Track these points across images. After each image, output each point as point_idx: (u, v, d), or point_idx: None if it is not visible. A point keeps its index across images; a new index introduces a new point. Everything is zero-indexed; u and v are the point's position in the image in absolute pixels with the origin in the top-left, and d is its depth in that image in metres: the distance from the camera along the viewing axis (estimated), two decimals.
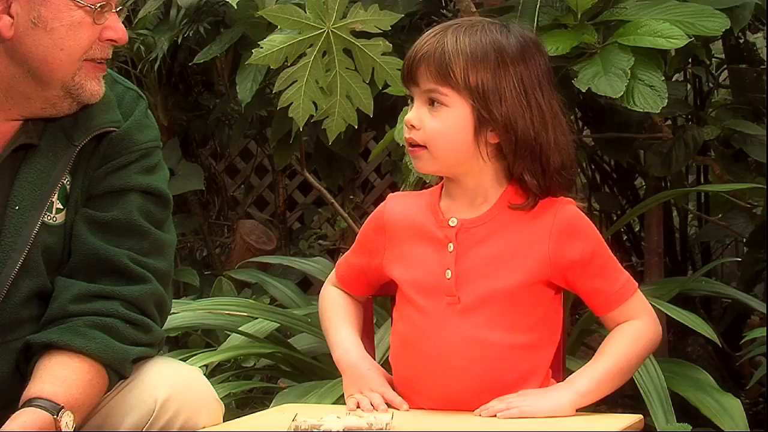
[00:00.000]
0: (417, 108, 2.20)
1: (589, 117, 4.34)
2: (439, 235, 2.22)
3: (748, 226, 4.33)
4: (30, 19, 2.21)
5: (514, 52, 2.20)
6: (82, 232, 2.28)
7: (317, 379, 3.63)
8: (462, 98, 2.17)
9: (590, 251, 2.20)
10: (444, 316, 2.20)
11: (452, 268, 2.20)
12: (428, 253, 2.23)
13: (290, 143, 4.24)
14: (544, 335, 2.23)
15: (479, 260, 2.19)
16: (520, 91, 2.19)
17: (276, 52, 3.33)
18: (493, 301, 2.18)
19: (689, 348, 4.40)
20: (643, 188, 4.70)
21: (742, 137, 3.97)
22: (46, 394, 2.15)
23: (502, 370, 2.19)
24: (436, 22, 4.39)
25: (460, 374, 2.19)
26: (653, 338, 2.23)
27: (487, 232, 2.20)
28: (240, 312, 3.83)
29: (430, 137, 2.19)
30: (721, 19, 3.34)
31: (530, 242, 2.19)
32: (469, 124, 2.18)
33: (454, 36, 2.19)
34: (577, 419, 2.18)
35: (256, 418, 2.30)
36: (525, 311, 2.20)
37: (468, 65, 2.17)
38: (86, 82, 2.26)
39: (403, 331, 2.26)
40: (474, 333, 2.18)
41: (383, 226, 2.30)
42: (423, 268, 2.23)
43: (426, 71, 2.18)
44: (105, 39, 2.27)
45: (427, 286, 2.22)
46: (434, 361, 2.20)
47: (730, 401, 3.25)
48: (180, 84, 5.68)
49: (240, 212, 5.97)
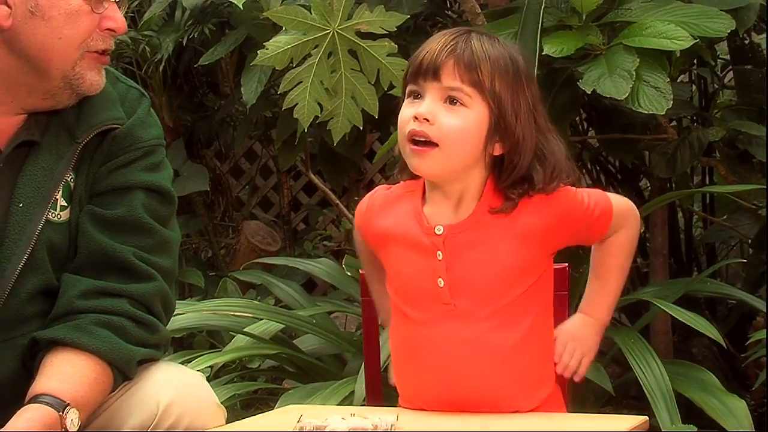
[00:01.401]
0: (430, 103, 2.16)
1: (594, 118, 4.34)
2: (426, 243, 2.20)
3: (753, 227, 4.32)
4: (28, 8, 2.21)
5: (526, 71, 2.21)
6: (87, 228, 2.28)
7: (322, 380, 3.64)
8: (484, 101, 2.16)
9: (577, 225, 2.20)
10: (442, 322, 2.19)
11: (444, 276, 2.18)
12: (417, 261, 2.21)
13: (295, 144, 4.24)
14: (543, 314, 2.23)
15: (470, 265, 2.18)
16: (531, 109, 2.19)
17: (281, 53, 3.34)
18: (490, 303, 2.18)
19: (694, 349, 4.39)
20: (648, 189, 4.70)
21: (747, 138, 3.96)
22: (51, 391, 2.15)
23: (508, 368, 2.19)
24: (441, 23, 4.42)
25: (466, 378, 2.19)
26: (635, 233, 2.29)
27: (473, 235, 2.18)
28: (245, 313, 3.84)
29: (445, 134, 2.15)
30: (726, 20, 3.34)
31: (519, 243, 2.17)
32: (483, 128, 2.16)
33: (479, 41, 2.18)
34: (582, 420, 2.18)
35: (260, 419, 2.30)
36: (522, 305, 2.19)
37: (494, 71, 2.16)
38: (86, 73, 2.26)
39: (403, 338, 2.25)
40: (475, 336, 2.18)
41: (365, 239, 2.31)
42: (414, 277, 2.21)
43: (454, 68, 2.15)
44: (104, 28, 2.26)
45: (420, 295, 2.20)
46: (439, 367, 2.20)
47: (735, 402, 3.25)
48: (185, 85, 5.69)
49: (245, 213, 5.97)
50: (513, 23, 3.40)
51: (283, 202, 5.83)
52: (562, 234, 2.20)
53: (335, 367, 3.86)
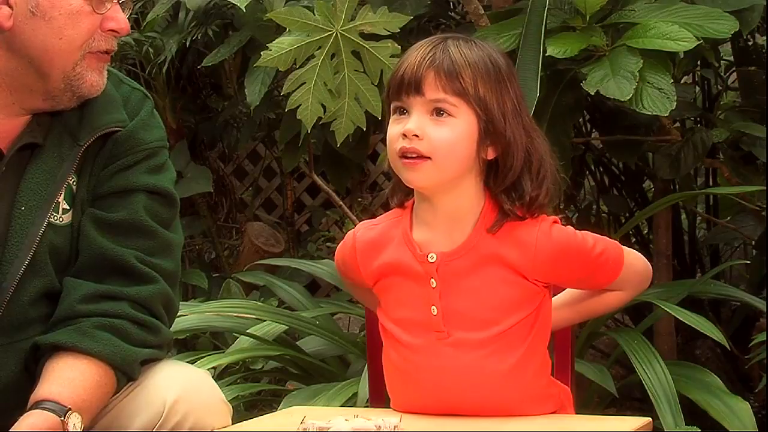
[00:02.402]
0: (418, 118, 2.14)
1: (598, 119, 4.33)
2: (419, 270, 2.18)
3: (757, 229, 4.32)
4: (28, 9, 2.21)
5: (506, 70, 2.19)
6: (89, 232, 2.28)
7: (325, 381, 3.64)
8: (470, 109, 2.14)
9: (576, 266, 2.19)
10: (435, 349, 2.17)
11: (437, 305, 2.17)
12: (411, 288, 2.19)
13: (298, 145, 4.24)
14: (538, 339, 2.21)
15: (464, 293, 2.16)
16: (516, 108, 2.18)
17: (284, 55, 3.34)
18: (484, 332, 2.16)
19: (698, 351, 4.39)
20: (651, 191, 4.70)
21: (750, 140, 3.96)
22: (53, 396, 2.15)
23: (503, 393, 2.17)
24: (444, 24, 4.41)
25: (460, 403, 2.18)
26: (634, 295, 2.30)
27: (468, 263, 2.16)
28: (248, 314, 3.84)
29: (436, 147, 2.13)
30: (730, 21, 3.33)
31: (514, 274, 2.16)
32: (473, 135, 2.15)
33: (456, 48, 2.16)
34: (586, 421, 2.18)
35: (264, 421, 2.30)
36: (517, 332, 2.17)
37: (476, 76, 2.15)
38: (87, 73, 2.25)
39: (396, 363, 2.24)
40: (468, 363, 2.16)
41: (358, 269, 2.27)
42: (407, 305, 2.20)
43: (435, 79, 2.14)
44: (107, 29, 2.26)
45: (414, 322, 2.19)
46: (432, 393, 2.19)
47: (738, 404, 3.25)
48: (188, 86, 5.69)
49: (248, 214, 5.97)
50: (516, 24, 3.40)
51: (286, 203, 5.83)
52: (559, 270, 2.18)
53: (338, 368, 3.86)
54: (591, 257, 2.19)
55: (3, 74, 2.25)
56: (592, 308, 2.31)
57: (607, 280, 2.23)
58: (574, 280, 2.24)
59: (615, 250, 2.22)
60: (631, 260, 2.24)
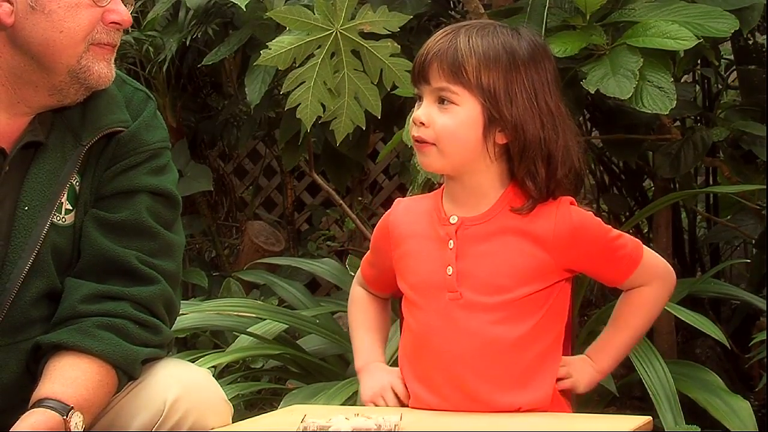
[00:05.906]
0: (426, 106, 2.22)
1: (598, 118, 4.33)
2: (441, 233, 2.24)
3: (757, 228, 4.32)
4: (28, 4, 2.21)
5: (525, 56, 2.22)
6: (91, 232, 2.28)
7: (325, 380, 3.64)
8: (473, 97, 2.19)
9: (594, 248, 2.22)
10: (447, 312, 2.22)
11: (453, 265, 2.22)
12: (430, 251, 2.25)
13: (298, 144, 4.24)
14: (550, 320, 2.24)
15: (480, 257, 2.21)
16: (531, 94, 2.21)
17: (284, 54, 3.33)
18: (495, 297, 2.20)
19: (698, 350, 4.39)
20: (651, 190, 4.70)
21: (750, 138, 3.96)
22: (55, 395, 2.15)
23: (510, 362, 2.20)
24: (444, 23, 4.41)
25: (468, 369, 2.20)
26: (665, 296, 2.31)
27: (487, 230, 2.22)
28: (248, 313, 3.84)
29: (439, 134, 2.20)
30: (730, 20, 3.33)
31: (531, 246, 2.21)
32: (478, 123, 2.20)
33: (467, 36, 2.21)
34: (586, 420, 2.18)
35: (264, 419, 2.30)
36: (528, 304, 2.21)
37: (480, 65, 2.19)
38: (93, 65, 2.25)
39: (412, 328, 2.28)
40: (478, 328, 2.20)
41: (388, 230, 2.34)
42: (424, 266, 2.25)
43: (438, 69, 2.20)
44: (109, 22, 2.26)
45: (429, 283, 2.24)
46: (442, 357, 2.22)
47: (738, 403, 3.24)
48: (188, 85, 5.69)
49: (248, 213, 5.97)
50: (517, 23, 3.39)
51: (286, 202, 5.83)
52: (576, 250, 2.21)
53: (339, 367, 3.86)
54: (607, 242, 2.23)
55: (8, 72, 2.25)
56: (626, 314, 2.32)
57: (624, 273, 2.26)
58: (591, 266, 2.26)
59: (634, 243, 2.26)
60: (650, 258, 2.28)
